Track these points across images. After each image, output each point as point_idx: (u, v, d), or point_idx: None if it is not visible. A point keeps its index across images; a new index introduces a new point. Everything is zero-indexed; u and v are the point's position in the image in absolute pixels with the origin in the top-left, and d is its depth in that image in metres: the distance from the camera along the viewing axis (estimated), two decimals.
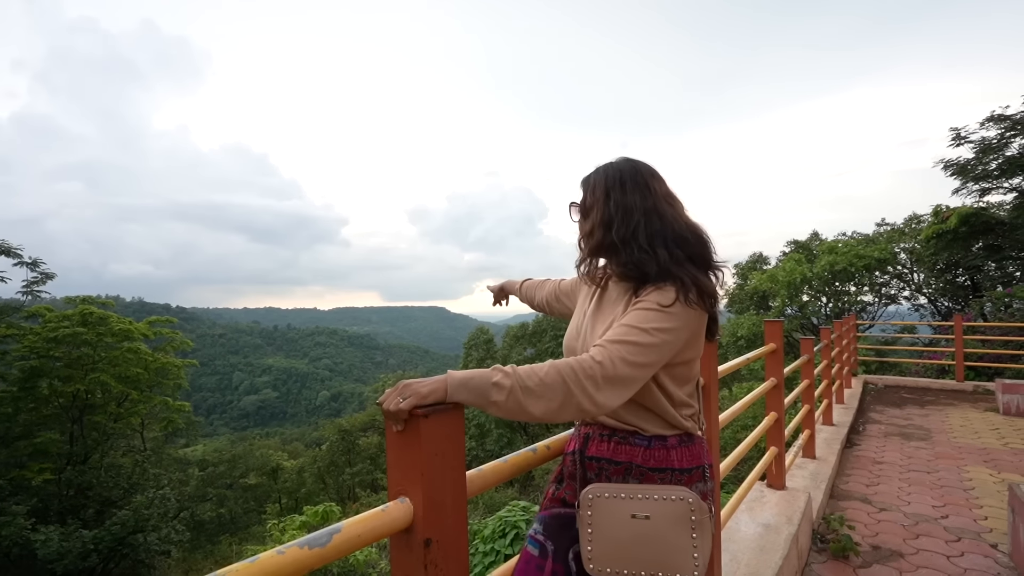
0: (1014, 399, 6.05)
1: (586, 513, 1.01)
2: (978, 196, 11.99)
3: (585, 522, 1.00)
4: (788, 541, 2.46)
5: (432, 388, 0.85)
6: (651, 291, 1.03)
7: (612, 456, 1.06)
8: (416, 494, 0.85)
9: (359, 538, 0.80)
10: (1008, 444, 4.92)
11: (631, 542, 0.97)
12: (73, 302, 15.53)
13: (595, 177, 1.17)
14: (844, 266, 13.13)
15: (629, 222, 1.09)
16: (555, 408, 0.89)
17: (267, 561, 0.70)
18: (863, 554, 2.86)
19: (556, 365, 0.92)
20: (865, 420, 6.00)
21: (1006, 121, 11.04)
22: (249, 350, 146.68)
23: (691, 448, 1.08)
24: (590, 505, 1.01)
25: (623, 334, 0.96)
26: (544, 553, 1.08)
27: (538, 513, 1.18)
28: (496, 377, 0.88)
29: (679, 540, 0.97)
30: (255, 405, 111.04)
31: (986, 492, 3.74)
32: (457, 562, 0.89)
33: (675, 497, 0.98)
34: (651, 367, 0.97)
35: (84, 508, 12.85)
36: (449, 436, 0.88)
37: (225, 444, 32.68)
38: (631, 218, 1.09)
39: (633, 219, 1.09)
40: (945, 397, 7.19)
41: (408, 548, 0.87)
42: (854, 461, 4.54)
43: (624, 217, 1.10)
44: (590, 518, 1.00)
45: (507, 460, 1.07)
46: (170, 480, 16.54)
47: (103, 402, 14.98)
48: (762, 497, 2.98)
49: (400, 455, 0.88)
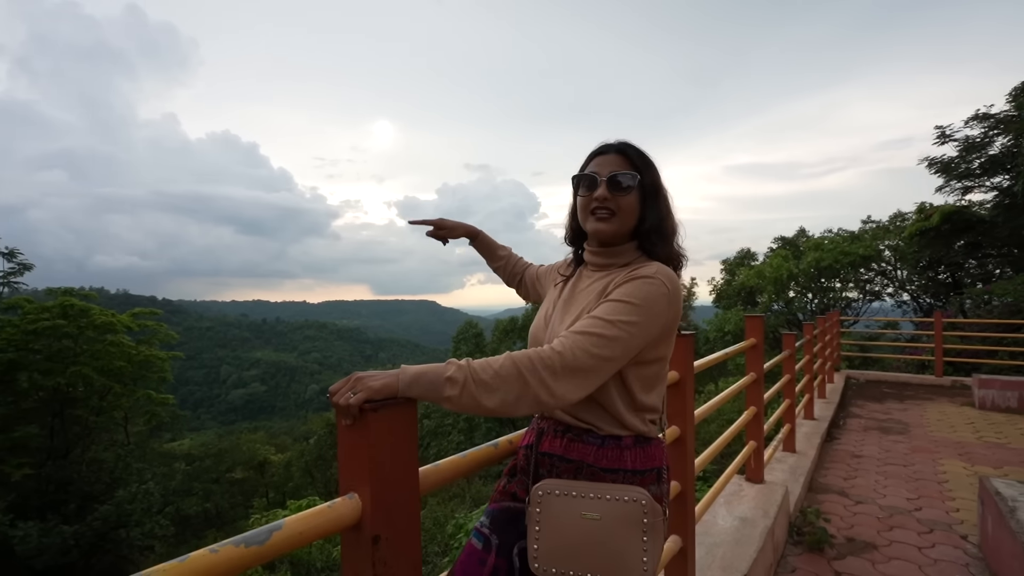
0: (989, 394, 6.16)
1: (535, 510, 0.97)
2: (960, 194, 12.17)
3: (533, 519, 0.97)
4: (764, 534, 2.48)
5: (384, 383, 0.82)
6: (626, 283, 1.00)
7: (564, 453, 1.04)
8: (365, 490, 0.83)
9: (301, 536, 0.77)
10: (982, 438, 5.01)
11: (579, 542, 0.95)
12: (54, 294, 15.24)
13: (644, 155, 1.12)
14: (830, 263, 13.26)
15: (672, 214, 1.13)
16: (511, 401, 0.87)
17: (198, 560, 0.67)
18: (838, 546, 2.89)
19: (512, 356, 0.89)
20: (846, 414, 6.08)
21: (990, 120, 11.19)
22: (237, 343, 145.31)
23: (647, 449, 1.05)
24: (539, 502, 0.97)
25: (588, 326, 0.94)
26: (488, 547, 1.05)
27: (487, 506, 1.15)
28: (449, 371, 0.86)
29: (629, 543, 0.94)
30: (243, 399, 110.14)
31: (959, 485, 3.81)
32: (408, 560, 0.86)
33: (628, 498, 0.95)
34: (614, 361, 0.94)
35: (65, 503, 12.65)
36: (400, 431, 0.86)
37: (212, 438, 32.38)
38: (671, 210, 1.14)
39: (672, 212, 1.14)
40: (924, 392, 7.31)
41: (356, 545, 0.85)
42: (833, 455, 4.59)
43: (669, 208, 1.13)
44: (538, 515, 0.97)
45: (466, 455, 1.04)
46: (154, 474, 16.35)
47: (85, 396, 14.73)
48: (740, 491, 3.00)
49: (350, 450, 0.85)
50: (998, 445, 4.77)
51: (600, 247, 1.14)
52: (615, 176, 1.06)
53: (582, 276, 1.17)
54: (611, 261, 1.12)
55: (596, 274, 1.13)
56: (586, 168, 1.12)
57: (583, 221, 1.13)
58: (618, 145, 1.11)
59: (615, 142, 1.12)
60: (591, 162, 1.12)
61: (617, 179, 1.06)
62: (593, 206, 1.08)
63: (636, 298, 0.96)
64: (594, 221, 1.09)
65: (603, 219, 1.08)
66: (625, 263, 1.11)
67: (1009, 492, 2.66)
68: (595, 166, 1.10)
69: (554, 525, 0.95)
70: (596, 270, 1.14)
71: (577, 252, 1.24)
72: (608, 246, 1.13)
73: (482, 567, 1.03)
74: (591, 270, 1.16)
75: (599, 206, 1.07)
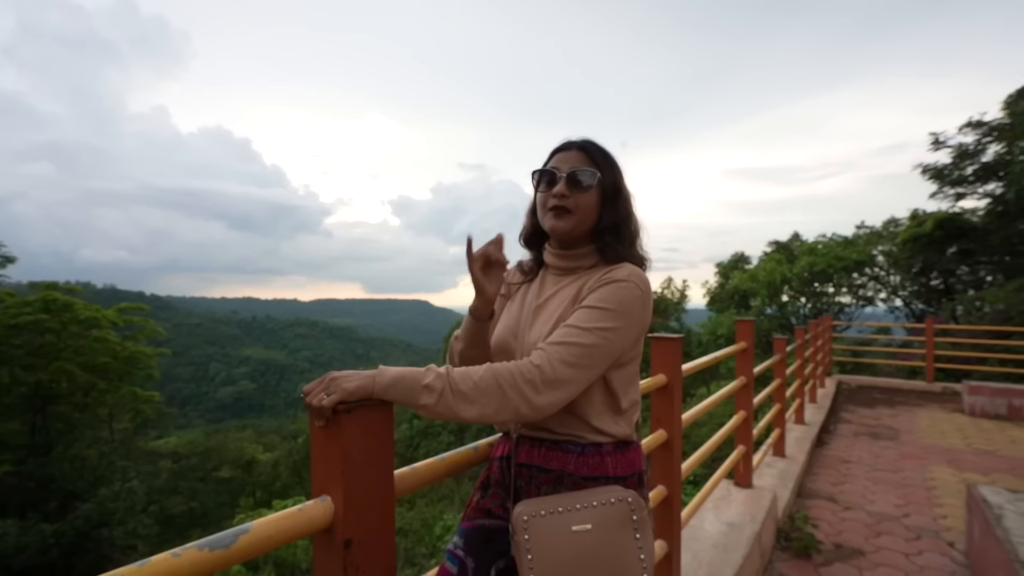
0: (978, 401, 6.21)
1: (523, 538, 0.91)
2: (954, 201, 12.29)
3: (523, 548, 0.90)
4: (751, 540, 2.46)
5: (359, 384, 0.80)
6: (600, 287, 0.98)
7: (543, 463, 1.00)
8: (337, 493, 0.80)
9: (269, 539, 0.74)
10: (971, 444, 5.04)
11: (575, 558, 0.90)
12: (38, 288, 15.01)
13: (606, 153, 1.08)
14: (823, 267, 13.37)
15: (633, 215, 1.10)
16: (490, 413, 0.86)
17: (160, 564, 0.64)
18: (825, 552, 2.88)
19: (493, 369, 0.88)
20: (836, 420, 6.10)
21: (983, 127, 11.32)
22: (226, 340, 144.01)
23: (627, 455, 1.03)
24: (526, 528, 0.91)
25: (565, 336, 0.92)
26: (464, 570, 1.00)
27: (459, 524, 1.10)
28: (428, 379, 0.84)
29: (624, 544, 0.92)
30: (232, 397, 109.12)
31: (947, 491, 3.82)
32: (381, 564, 0.83)
33: (614, 499, 0.93)
34: (594, 368, 0.93)
35: (45, 501, 12.44)
36: (375, 433, 0.83)
37: (199, 436, 31.98)
38: (633, 211, 1.10)
39: (634, 214, 1.10)
40: (915, 398, 7.35)
41: (328, 549, 0.81)
42: (823, 460, 4.60)
43: (630, 209, 1.09)
44: (528, 543, 0.90)
45: (444, 458, 1.01)
46: (139, 473, 16.12)
47: (68, 392, 14.51)
48: (728, 495, 2.98)
49: (322, 452, 0.82)
50: (986, 452, 4.79)
51: (562, 249, 1.10)
52: (575, 173, 1.03)
53: (546, 280, 1.13)
54: (576, 264, 1.09)
55: (564, 278, 1.09)
56: (547, 164, 1.09)
57: (541, 218, 1.09)
58: (580, 142, 1.08)
59: (578, 139, 1.10)
60: (552, 158, 1.09)
61: (576, 176, 1.03)
62: (551, 203, 1.04)
63: (611, 303, 0.95)
64: (551, 218, 1.05)
65: (560, 216, 1.04)
66: (591, 265, 1.08)
67: (996, 500, 2.66)
68: (556, 162, 1.07)
69: (546, 548, 0.90)
70: (561, 274, 1.10)
71: (536, 254, 1.19)
72: (569, 248, 1.09)
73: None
74: (555, 274, 1.12)
75: (557, 203, 1.04)
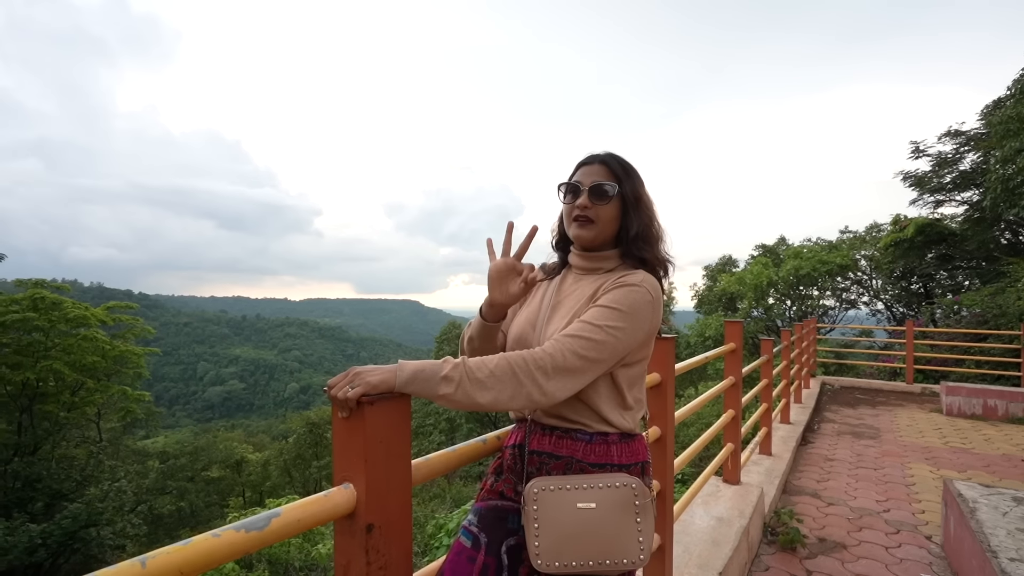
0: (955, 401, 6.39)
1: (532, 508, 1.01)
2: (933, 207, 12.59)
3: (531, 517, 1.00)
4: (739, 534, 2.55)
5: (382, 378, 0.86)
6: (614, 289, 1.06)
7: (553, 450, 1.08)
8: (359, 480, 0.86)
9: (299, 523, 0.80)
10: (948, 443, 5.21)
11: (578, 532, 0.99)
12: (24, 285, 14.79)
13: (627, 165, 1.18)
14: (808, 271, 13.59)
15: (654, 222, 1.18)
16: (505, 399, 0.93)
17: (201, 543, 0.69)
18: (809, 546, 2.99)
19: (507, 357, 0.95)
20: (821, 419, 6.25)
21: (961, 136, 11.61)
22: (216, 339, 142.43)
23: (631, 445, 1.11)
24: (535, 500, 1.01)
25: (578, 330, 1.00)
26: (477, 545, 1.08)
27: (473, 504, 1.18)
28: (446, 370, 0.91)
29: (624, 525, 1.00)
30: (221, 396, 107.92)
31: (925, 487, 3.96)
32: (399, 547, 0.90)
33: (619, 484, 1.02)
34: (602, 363, 1.01)
35: (32, 501, 12.27)
36: (395, 424, 0.89)
37: (188, 436, 31.69)
38: (654, 218, 1.18)
39: (655, 220, 1.19)
40: (895, 398, 7.54)
41: (350, 533, 0.87)
42: (808, 458, 4.73)
43: (651, 216, 1.18)
44: (536, 513, 1.00)
45: (456, 449, 1.08)
46: (127, 472, 15.93)
47: (56, 391, 14.31)
48: (717, 491, 3.08)
49: (345, 441, 0.88)
50: (963, 450, 4.96)
51: (584, 251, 1.20)
52: (596, 186, 1.13)
53: (567, 279, 1.22)
54: (597, 266, 1.18)
55: (585, 278, 1.18)
56: (572, 177, 1.20)
57: (567, 227, 1.20)
58: (602, 156, 1.18)
59: (600, 153, 1.19)
60: (576, 172, 1.19)
61: (598, 189, 1.13)
62: (575, 214, 1.15)
63: (623, 305, 1.03)
64: (576, 227, 1.16)
65: (583, 226, 1.15)
66: (611, 268, 1.17)
67: (970, 494, 2.78)
68: (579, 175, 1.18)
69: (552, 520, 0.99)
70: (583, 273, 1.20)
71: (563, 256, 1.30)
72: (591, 251, 1.19)
73: (472, 565, 1.05)
74: (577, 273, 1.21)
75: (580, 214, 1.14)
